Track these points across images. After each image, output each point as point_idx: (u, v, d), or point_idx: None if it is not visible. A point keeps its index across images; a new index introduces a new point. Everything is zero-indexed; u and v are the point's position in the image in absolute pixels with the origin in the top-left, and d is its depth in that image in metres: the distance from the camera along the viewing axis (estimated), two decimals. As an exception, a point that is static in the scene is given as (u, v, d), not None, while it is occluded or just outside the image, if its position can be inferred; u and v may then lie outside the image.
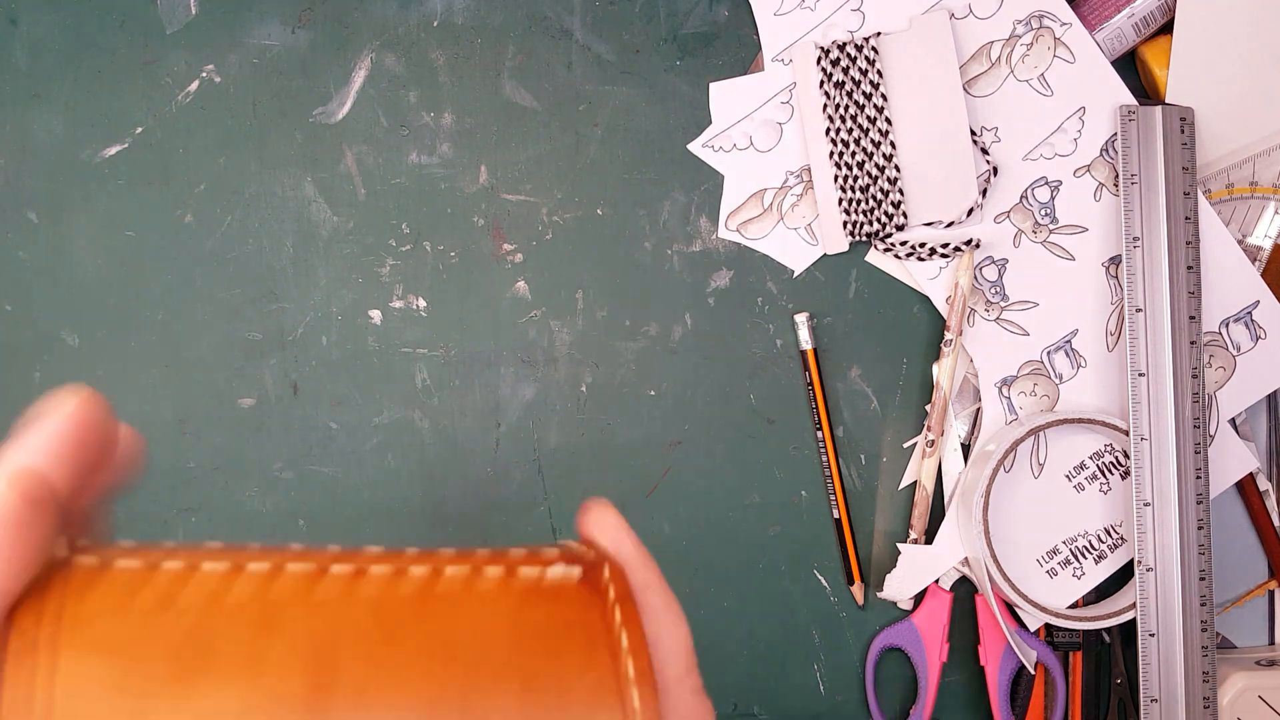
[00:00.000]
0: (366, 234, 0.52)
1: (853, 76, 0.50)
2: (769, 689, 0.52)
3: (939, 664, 0.51)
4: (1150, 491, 0.48)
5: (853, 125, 0.50)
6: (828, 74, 0.50)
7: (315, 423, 0.52)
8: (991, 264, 0.51)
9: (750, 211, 0.51)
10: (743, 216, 0.51)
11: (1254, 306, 0.50)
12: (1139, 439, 0.48)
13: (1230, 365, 0.50)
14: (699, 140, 0.52)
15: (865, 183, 0.50)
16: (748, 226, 0.51)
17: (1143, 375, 0.48)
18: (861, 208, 0.50)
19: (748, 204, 0.51)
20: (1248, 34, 0.49)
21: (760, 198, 0.51)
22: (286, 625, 0.20)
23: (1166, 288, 0.48)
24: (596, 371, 0.52)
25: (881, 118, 0.50)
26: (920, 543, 0.51)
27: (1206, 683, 0.47)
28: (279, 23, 0.52)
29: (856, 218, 0.50)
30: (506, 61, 0.52)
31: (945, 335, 0.50)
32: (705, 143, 0.52)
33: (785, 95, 0.51)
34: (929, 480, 0.51)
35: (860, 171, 0.50)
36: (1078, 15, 0.50)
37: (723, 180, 0.52)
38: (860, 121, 0.50)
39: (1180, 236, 0.48)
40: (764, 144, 0.51)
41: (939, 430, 0.50)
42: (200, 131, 0.52)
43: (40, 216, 0.52)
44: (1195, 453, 0.48)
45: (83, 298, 0.52)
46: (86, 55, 0.52)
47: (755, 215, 0.51)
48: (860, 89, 0.50)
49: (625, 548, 0.28)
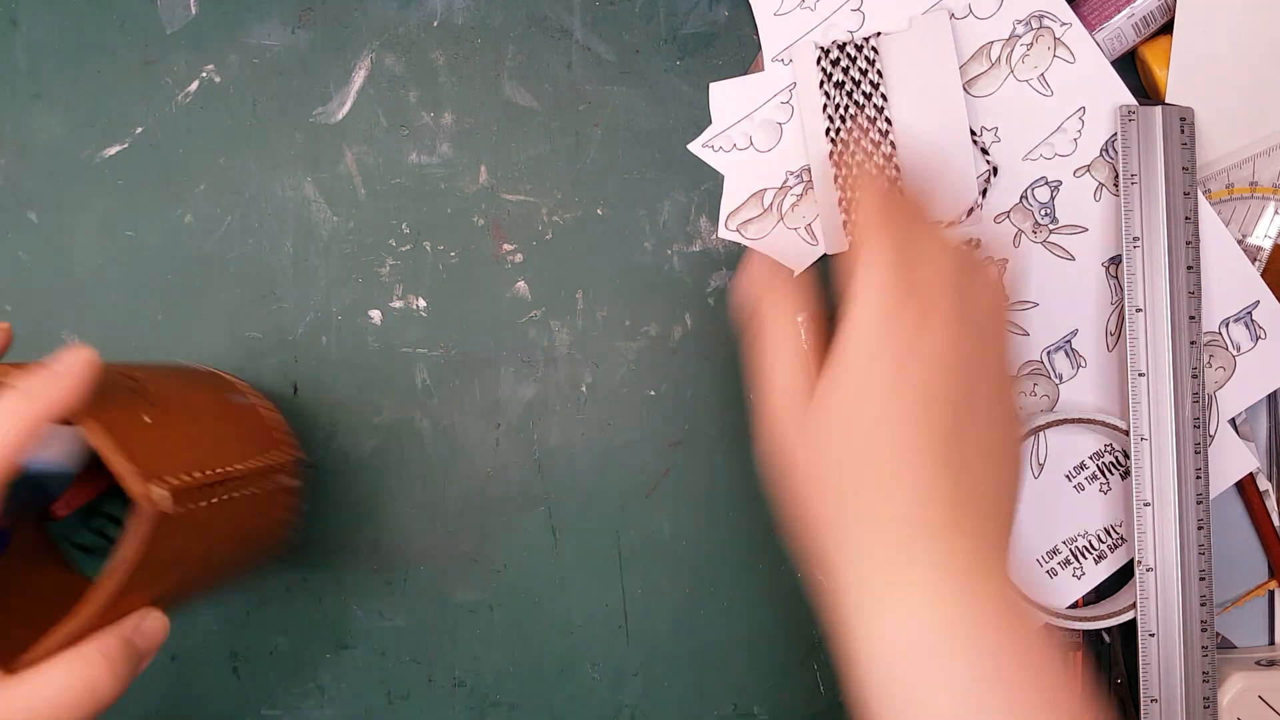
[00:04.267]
0: (366, 234, 0.52)
1: (852, 76, 0.50)
2: (769, 689, 0.52)
3: None
4: (1150, 491, 0.48)
5: (852, 125, 0.50)
6: (828, 74, 0.50)
7: (315, 422, 0.52)
8: (991, 264, 0.51)
9: (750, 211, 0.51)
10: (743, 216, 0.51)
11: (1254, 306, 0.50)
12: (1139, 439, 0.48)
13: (1230, 365, 0.50)
14: (699, 140, 0.52)
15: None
16: (748, 226, 0.51)
17: (1142, 375, 0.48)
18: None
19: (748, 204, 0.51)
20: (1248, 34, 0.49)
21: (760, 198, 0.51)
22: None
23: (1166, 288, 0.48)
24: (596, 371, 0.52)
25: (881, 118, 0.50)
26: None
27: (1206, 683, 0.47)
28: (279, 23, 0.52)
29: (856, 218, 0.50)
30: (506, 61, 0.52)
31: None
32: (705, 143, 0.51)
33: (785, 95, 0.51)
34: None
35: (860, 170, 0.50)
36: (1077, 15, 0.50)
37: (723, 180, 0.52)
38: (860, 121, 0.50)
39: (1180, 236, 0.48)
40: (764, 144, 0.51)
41: None
42: (200, 131, 0.52)
43: (40, 216, 0.52)
44: (1195, 453, 0.48)
45: (83, 298, 0.52)
46: (86, 55, 0.52)
47: (755, 215, 0.51)
48: (860, 89, 0.50)
49: None
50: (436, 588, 0.52)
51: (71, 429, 0.39)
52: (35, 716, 0.33)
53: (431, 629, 0.52)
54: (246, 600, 0.52)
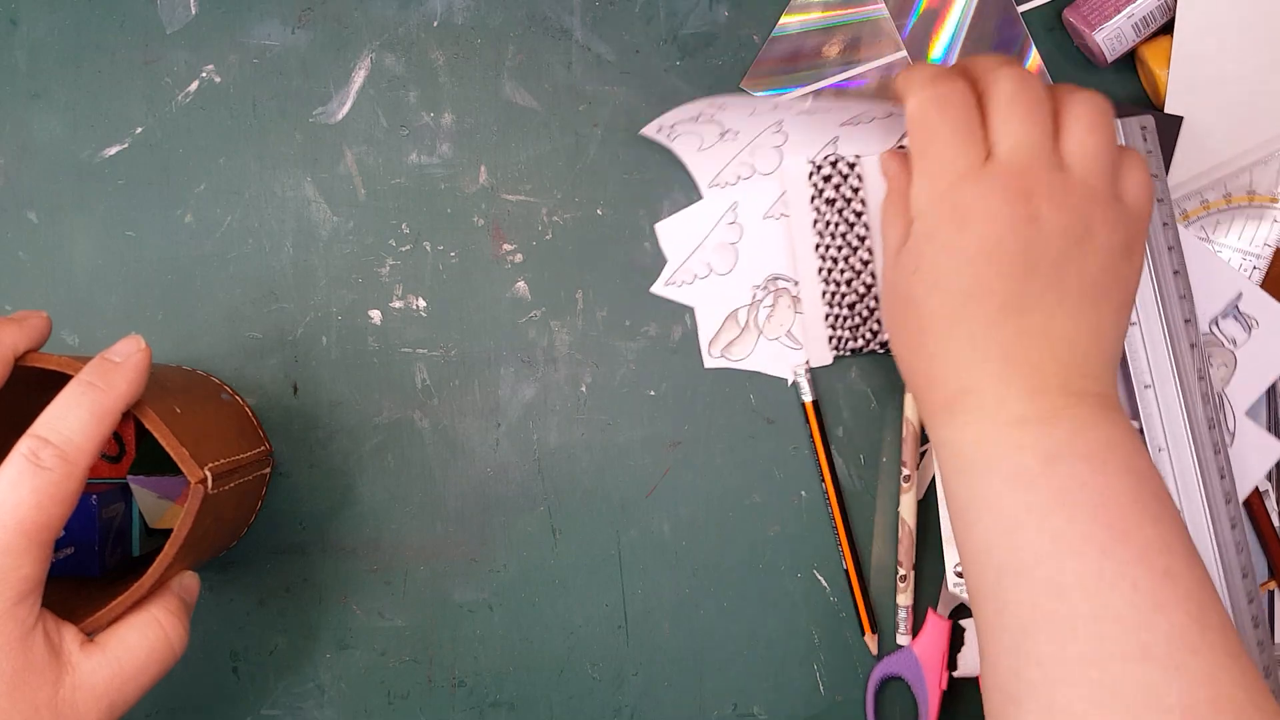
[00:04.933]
0: (366, 234, 0.52)
1: (844, 194, 0.50)
2: (769, 689, 0.52)
3: (939, 692, 0.51)
4: (1178, 500, 0.48)
5: (842, 242, 0.50)
6: (819, 189, 0.50)
7: (315, 423, 0.52)
8: None
9: (729, 334, 0.51)
10: (724, 341, 0.51)
11: (1238, 299, 0.50)
12: (1156, 450, 0.48)
13: (1231, 361, 0.50)
14: (660, 281, 0.52)
15: (853, 299, 0.50)
16: (731, 349, 0.52)
17: (1148, 387, 0.48)
18: (848, 324, 0.51)
19: (725, 328, 0.52)
20: (1246, 38, 0.49)
21: (735, 318, 0.52)
22: None
23: (1157, 296, 0.48)
24: (596, 371, 0.52)
25: (869, 237, 0.50)
26: (910, 577, 0.51)
27: (1269, 678, 0.47)
28: (279, 23, 0.52)
29: (842, 333, 0.51)
30: (506, 61, 0.52)
31: (902, 471, 0.50)
32: (667, 281, 0.52)
33: (730, 216, 0.51)
34: (909, 515, 0.51)
35: (848, 288, 0.51)
36: (1077, 16, 0.50)
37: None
38: (850, 240, 0.50)
39: (1162, 243, 0.48)
40: (723, 267, 0.51)
41: (912, 465, 0.50)
42: (200, 131, 0.52)
43: (40, 216, 0.52)
44: (1215, 453, 0.48)
45: (83, 298, 0.52)
46: (86, 55, 0.52)
47: (735, 336, 0.52)
48: (851, 206, 0.50)
49: None
50: (436, 588, 0.52)
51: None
52: (123, 674, 0.38)
53: (431, 629, 0.52)
54: (246, 600, 0.52)
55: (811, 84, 0.52)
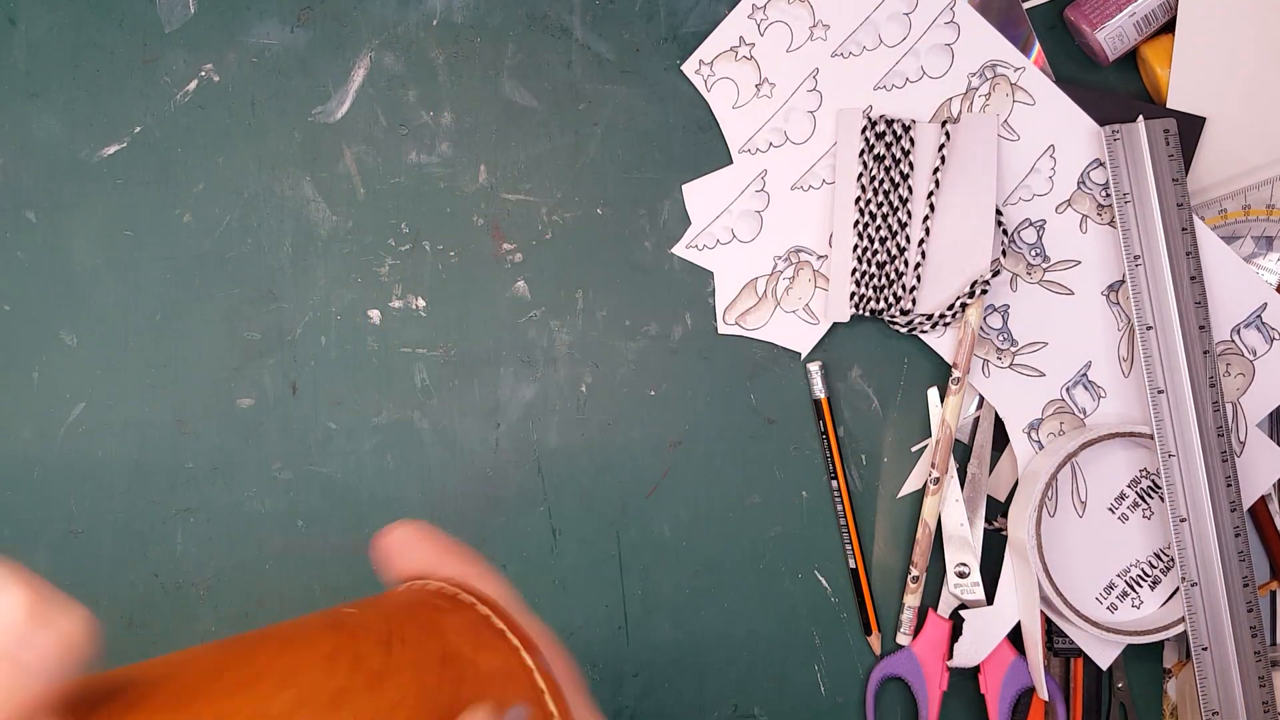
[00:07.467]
0: (366, 233, 0.52)
1: (894, 154, 0.50)
2: (769, 689, 0.52)
3: (939, 693, 0.51)
4: (1185, 506, 0.48)
5: (883, 200, 0.50)
6: (869, 145, 0.50)
7: (314, 423, 0.52)
8: (994, 312, 0.51)
9: (746, 302, 0.51)
10: (740, 308, 0.51)
11: (1262, 309, 0.49)
12: (1166, 455, 0.48)
13: (1249, 371, 0.50)
14: (681, 243, 0.51)
15: (883, 259, 0.50)
16: (746, 317, 0.51)
17: (1162, 392, 0.48)
18: (873, 283, 0.50)
19: (742, 295, 0.51)
20: (1251, 37, 0.49)
21: (753, 287, 0.51)
22: None
23: (1173, 301, 0.48)
24: (596, 371, 0.52)
25: (910, 202, 0.50)
26: (922, 579, 0.51)
27: (1263, 687, 0.47)
28: (278, 22, 0.52)
29: (866, 292, 0.50)
30: (506, 61, 0.52)
31: (953, 374, 0.50)
32: (689, 244, 0.51)
33: (759, 184, 0.51)
34: (931, 518, 0.50)
35: (880, 247, 0.50)
36: (1079, 15, 0.50)
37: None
38: (892, 200, 0.50)
39: (1179, 248, 0.48)
40: (746, 235, 0.51)
41: (943, 469, 0.50)
42: (199, 131, 0.52)
43: (39, 216, 0.52)
44: (1223, 461, 0.47)
45: (82, 298, 0.52)
46: (85, 55, 0.52)
47: (751, 305, 0.51)
48: (899, 168, 0.50)
49: (468, 568, 0.27)
50: (436, 588, 0.52)
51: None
52: None
53: (431, 629, 0.52)
54: (246, 600, 0.52)
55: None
